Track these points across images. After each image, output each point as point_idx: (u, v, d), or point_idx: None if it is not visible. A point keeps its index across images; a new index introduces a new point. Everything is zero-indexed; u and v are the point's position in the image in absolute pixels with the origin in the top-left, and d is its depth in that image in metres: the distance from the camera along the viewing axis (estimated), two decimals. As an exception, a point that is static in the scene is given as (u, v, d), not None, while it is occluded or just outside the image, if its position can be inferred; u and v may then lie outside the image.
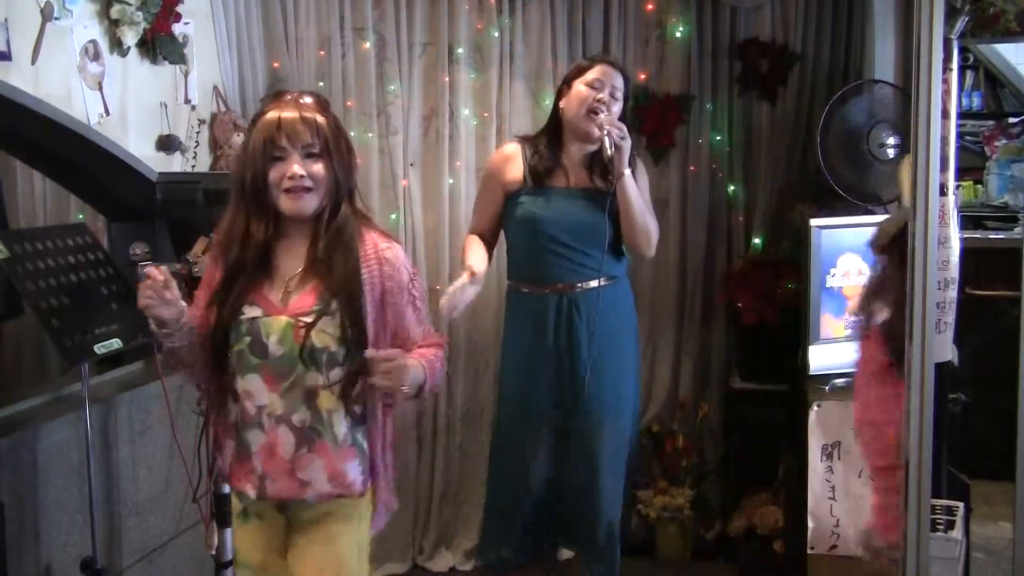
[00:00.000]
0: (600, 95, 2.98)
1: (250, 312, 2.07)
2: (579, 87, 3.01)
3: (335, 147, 2.06)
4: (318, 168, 2.04)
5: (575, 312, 3.02)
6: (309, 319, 2.04)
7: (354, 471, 2.12)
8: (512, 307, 3.18)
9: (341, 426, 2.09)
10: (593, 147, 3.02)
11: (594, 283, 3.03)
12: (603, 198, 2.98)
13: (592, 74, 3.01)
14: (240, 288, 2.07)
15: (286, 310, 2.07)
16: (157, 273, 1.97)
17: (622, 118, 3.04)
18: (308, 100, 2.08)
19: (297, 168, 2.03)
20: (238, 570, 2.26)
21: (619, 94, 3.03)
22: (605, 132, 2.92)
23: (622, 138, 2.93)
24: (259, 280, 2.09)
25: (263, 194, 2.05)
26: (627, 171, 2.96)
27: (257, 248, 2.08)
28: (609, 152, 2.91)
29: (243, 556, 2.24)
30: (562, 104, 3.06)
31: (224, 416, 2.15)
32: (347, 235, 2.08)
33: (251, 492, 2.13)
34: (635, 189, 3.00)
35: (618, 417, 3.10)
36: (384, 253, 2.11)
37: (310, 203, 2.06)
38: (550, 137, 3.09)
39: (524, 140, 3.15)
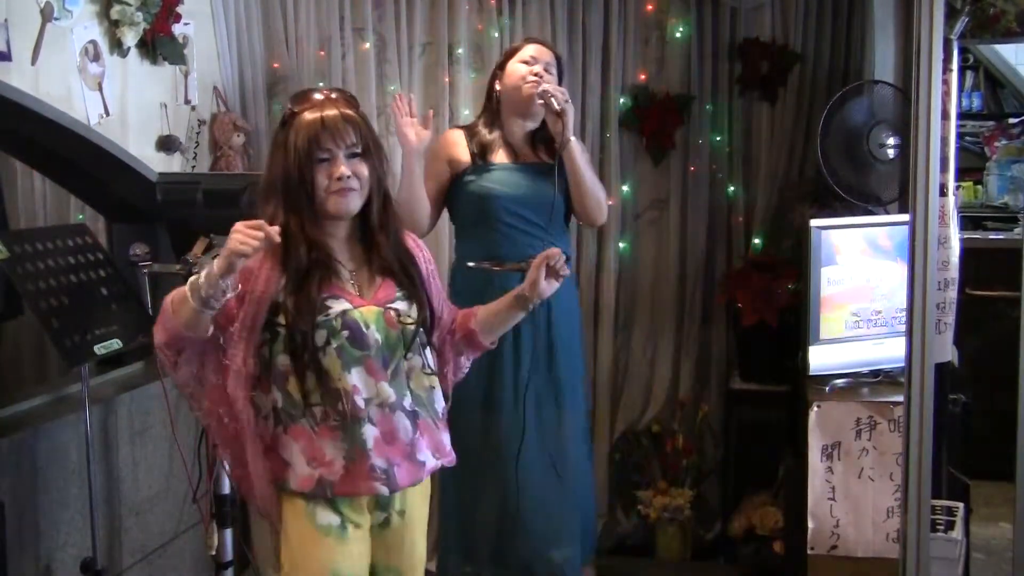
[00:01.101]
0: (535, 68, 3.03)
1: (338, 306, 2.04)
2: (515, 64, 3.06)
3: (375, 145, 2.08)
4: (363, 168, 2.04)
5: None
6: (397, 305, 2.09)
7: (447, 441, 2.19)
8: (461, 285, 3.11)
9: (439, 401, 2.17)
10: (534, 124, 3.06)
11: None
12: (550, 171, 2.99)
13: (526, 52, 3.07)
14: (316, 286, 2.03)
15: (373, 300, 2.08)
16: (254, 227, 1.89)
17: None
18: (337, 96, 2.09)
19: (344, 169, 2.01)
20: None
21: (553, 70, 3.07)
22: (550, 96, 2.94)
23: (566, 101, 2.96)
24: (329, 276, 2.06)
25: (310, 195, 2.03)
26: (572, 137, 2.99)
27: (320, 247, 2.05)
28: (556, 107, 2.92)
29: (338, 569, 2.07)
30: (498, 86, 3.10)
31: (317, 423, 2.02)
32: (396, 227, 2.15)
33: (383, 489, 2.05)
34: (583, 155, 3.04)
35: (575, 402, 3.16)
36: (417, 241, 2.26)
37: (355, 202, 2.05)
38: (489, 120, 3.13)
39: (465, 127, 3.19)
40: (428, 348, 2.16)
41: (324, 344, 2.01)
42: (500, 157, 3.08)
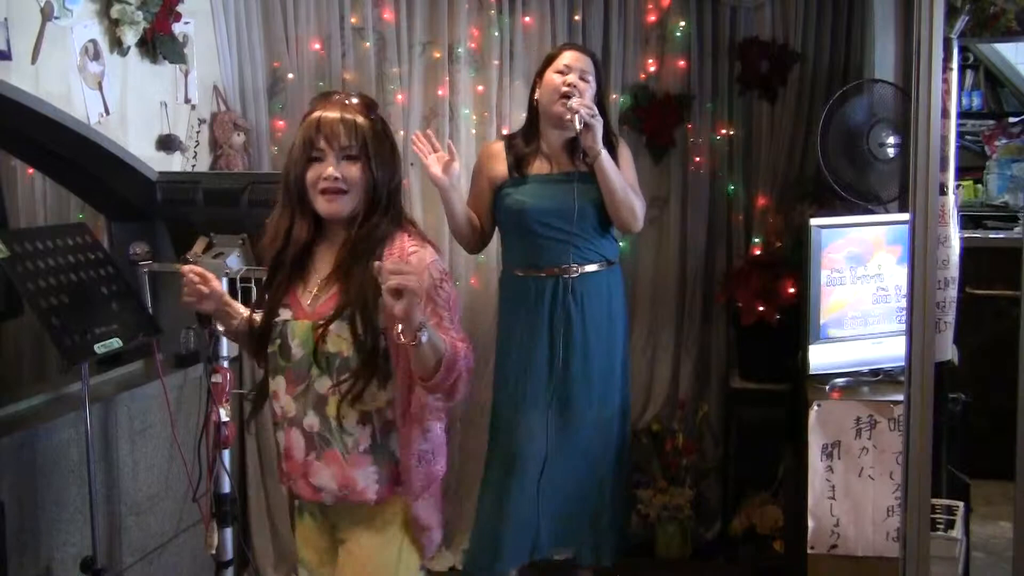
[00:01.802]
0: (569, 78, 3.07)
1: (283, 315, 2.08)
2: (550, 76, 3.11)
3: (375, 149, 2.03)
4: (353, 170, 2.01)
5: (570, 295, 3.11)
6: (333, 324, 2.00)
7: (365, 479, 2.03)
8: (508, 291, 3.28)
9: (353, 433, 2.02)
10: (570, 133, 3.08)
11: (590, 267, 3.14)
12: (585, 180, 3.07)
13: (560, 61, 3.12)
14: (276, 289, 2.08)
15: (312, 314, 2.05)
16: (192, 275, 2.07)
17: (597, 101, 3.12)
18: (353, 101, 2.06)
19: (332, 170, 2.00)
20: (299, 567, 2.23)
21: (589, 77, 3.12)
22: (576, 111, 2.97)
23: (592, 116, 2.99)
24: (295, 282, 2.09)
25: (304, 194, 2.04)
26: (603, 150, 3.02)
27: (297, 248, 2.06)
28: (578, 127, 2.97)
29: (301, 553, 2.24)
30: (536, 95, 3.16)
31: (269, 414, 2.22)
32: (375, 239, 2.03)
33: (284, 490, 2.15)
34: (613, 166, 3.07)
35: (604, 406, 3.19)
36: (409, 257, 2.00)
37: (344, 205, 2.03)
38: (529, 129, 3.21)
39: (508, 137, 3.29)
40: (378, 378, 2.00)
41: (268, 347, 2.11)
42: (537, 168, 3.17)
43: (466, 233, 3.21)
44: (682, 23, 3.77)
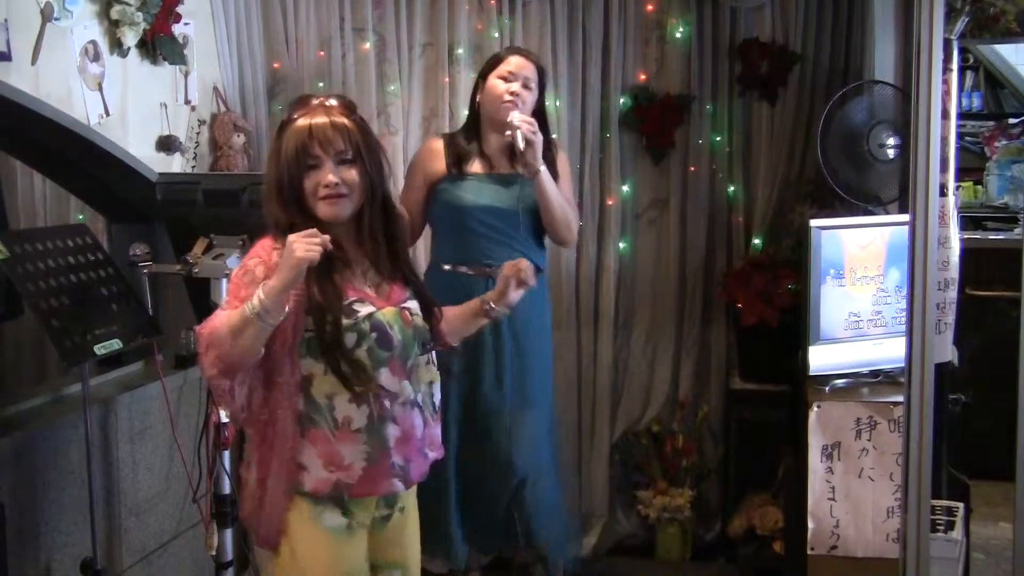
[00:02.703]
0: (513, 86, 3.07)
1: (364, 309, 2.07)
2: (493, 80, 3.11)
3: (367, 150, 2.07)
4: (352, 174, 2.05)
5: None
6: (409, 305, 2.15)
7: (440, 434, 2.24)
8: (434, 286, 3.14)
9: (437, 395, 2.21)
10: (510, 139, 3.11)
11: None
12: (525, 185, 3.09)
13: (505, 67, 3.12)
14: (338, 288, 2.06)
15: (389, 301, 2.13)
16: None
17: (538, 110, 3.14)
18: (334, 103, 2.09)
19: (332, 176, 2.03)
20: None
21: (532, 84, 3.12)
22: (516, 128, 2.98)
23: (533, 133, 2.99)
24: (345, 271, 2.10)
25: (302, 200, 2.06)
26: (541, 167, 3.04)
27: (335, 243, 2.06)
28: (520, 145, 2.98)
29: (359, 570, 2.15)
30: (479, 97, 3.17)
31: (337, 427, 2.05)
32: (396, 228, 2.17)
33: (400, 486, 2.12)
34: (551, 184, 3.09)
35: (540, 404, 3.23)
36: None
37: (346, 208, 2.07)
38: (470, 128, 3.22)
39: (448, 136, 3.30)
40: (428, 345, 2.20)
41: (354, 347, 2.04)
42: (475, 168, 3.18)
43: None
44: (682, 24, 3.77)
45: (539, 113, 3.15)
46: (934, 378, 2.16)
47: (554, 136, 3.42)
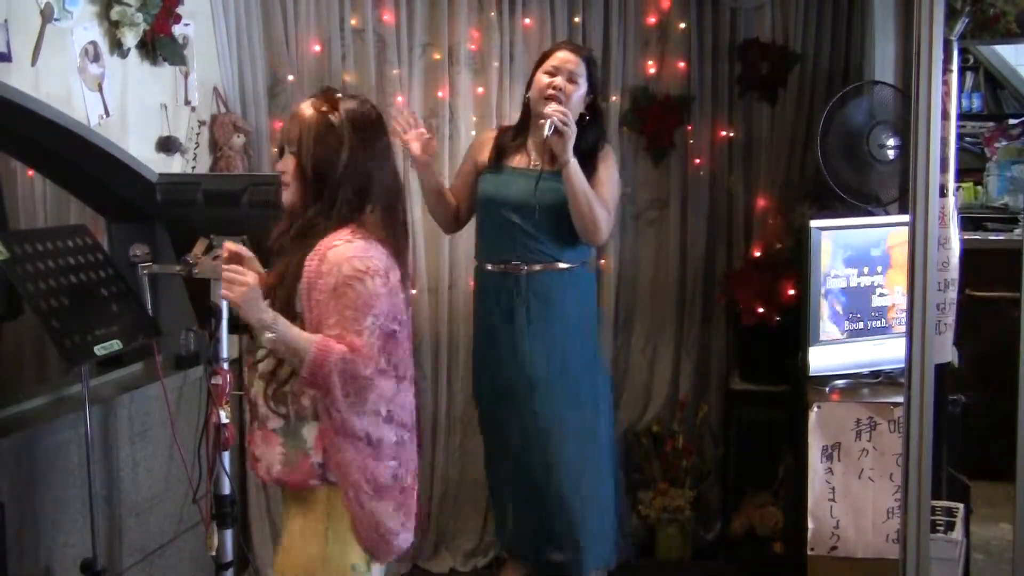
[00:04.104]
0: (556, 80, 3.07)
1: None
2: (539, 75, 3.13)
3: (307, 141, 2.10)
4: (287, 164, 2.14)
5: (518, 294, 3.13)
6: None
7: (273, 458, 2.13)
8: (476, 284, 3.32)
9: (265, 408, 2.14)
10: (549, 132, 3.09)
11: (538, 266, 3.14)
12: (553, 179, 3.07)
13: (550, 62, 3.13)
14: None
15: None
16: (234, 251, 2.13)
17: (592, 104, 3.16)
18: (318, 95, 2.16)
19: (279, 163, 2.17)
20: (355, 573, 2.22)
21: (579, 79, 3.11)
22: (549, 117, 2.99)
23: (565, 124, 2.99)
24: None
25: None
26: (571, 159, 3.01)
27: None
28: (547, 133, 2.98)
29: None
30: (529, 93, 3.19)
31: None
32: (310, 232, 2.10)
33: None
34: (580, 178, 3.05)
35: (575, 406, 3.19)
36: (328, 251, 2.05)
37: (285, 197, 2.16)
38: (519, 124, 3.24)
39: (502, 128, 3.34)
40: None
41: None
42: (515, 161, 3.20)
43: (439, 209, 3.27)
44: (682, 24, 3.77)
45: (590, 107, 3.16)
46: (934, 379, 2.16)
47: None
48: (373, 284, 2.03)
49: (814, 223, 3.10)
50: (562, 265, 3.16)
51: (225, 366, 2.69)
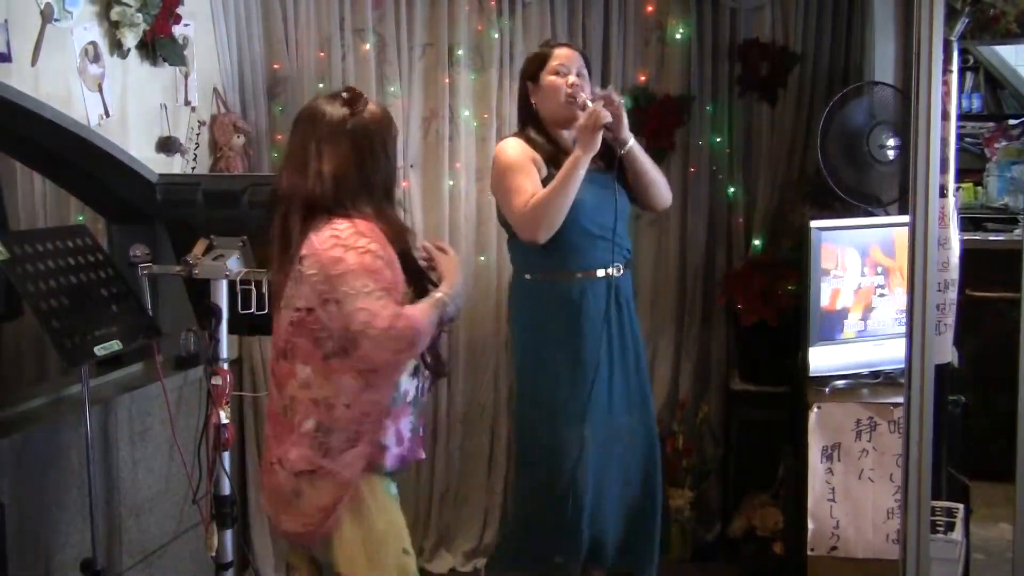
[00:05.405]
0: (571, 78, 2.99)
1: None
2: (548, 78, 2.99)
3: (292, 143, 2.21)
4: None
5: (618, 297, 3.00)
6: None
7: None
8: (545, 299, 3.03)
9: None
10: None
11: (624, 268, 3.04)
12: (609, 178, 2.95)
13: (555, 61, 3.01)
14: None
15: None
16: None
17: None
18: (336, 95, 2.24)
19: None
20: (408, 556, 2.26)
21: (584, 71, 3.05)
22: (606, 95, 2.87)
23: (616, 105, 2.89)
24: None
25: None
26: (630, 136, 2.95)
27: None
28: (606, 120, 2.84)
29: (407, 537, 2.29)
30: (535, 100, 3.03)
31: (403, 401, 2.27)
32: (287, 229, 2.15)
33: (422, 454, 2.31)
34: (641, 149, 3.01)
35: (646, 414, 3.16)
36: (314, 246, 2.10)
37: None
38: (538, 131, 3.04)
39: (524, 136, 3.06)
40: None
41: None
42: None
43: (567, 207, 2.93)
44: (682, 24, 3.78)
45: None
46: (934, 379, 2.16)
47: None
48: (357, 256, 2.08)
49: (814, 224, 3.10)
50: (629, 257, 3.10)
51: (225, 366, 2.70)
